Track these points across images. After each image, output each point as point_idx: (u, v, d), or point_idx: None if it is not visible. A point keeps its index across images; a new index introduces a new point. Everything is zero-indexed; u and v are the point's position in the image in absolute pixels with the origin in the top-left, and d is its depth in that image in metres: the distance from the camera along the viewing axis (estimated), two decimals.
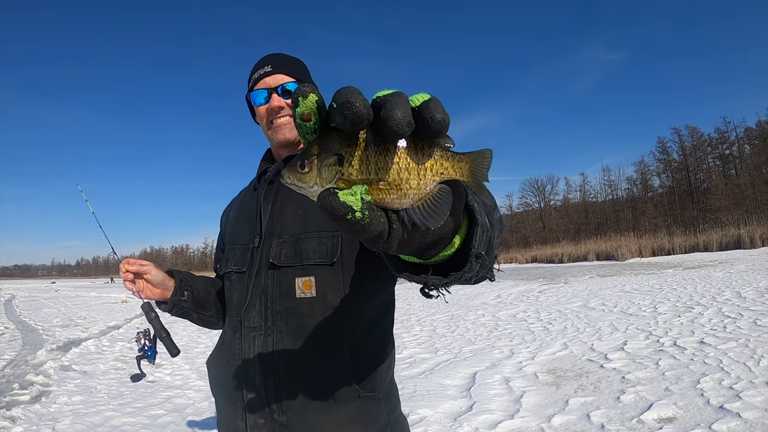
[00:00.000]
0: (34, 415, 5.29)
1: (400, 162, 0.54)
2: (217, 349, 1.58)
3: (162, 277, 1.65)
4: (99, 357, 8.81)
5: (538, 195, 74.08)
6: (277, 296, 1.39)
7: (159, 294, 1.66)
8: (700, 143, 55.02)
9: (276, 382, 1.36)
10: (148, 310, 1.73)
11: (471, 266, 0.68)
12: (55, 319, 16.06)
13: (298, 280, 1.37)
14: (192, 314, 1.73)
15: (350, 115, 0.50)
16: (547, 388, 5.25)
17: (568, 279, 18.91)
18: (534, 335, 8.27)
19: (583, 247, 39.64)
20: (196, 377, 6.94)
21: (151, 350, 1.78)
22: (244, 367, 1.41)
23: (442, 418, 4.66)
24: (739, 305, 8.29)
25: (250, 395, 1.39)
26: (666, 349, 6.17)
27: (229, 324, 1.54)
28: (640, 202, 57.66)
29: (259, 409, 1.38)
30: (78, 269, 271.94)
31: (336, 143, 0.55)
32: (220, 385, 1.53)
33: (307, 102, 0.53)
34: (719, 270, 14.62)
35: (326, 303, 1.36)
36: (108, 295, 30.92)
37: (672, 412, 4.12)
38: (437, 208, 0.56)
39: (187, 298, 1.69)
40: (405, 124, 0.50)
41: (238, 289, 1.50)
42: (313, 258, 1.37)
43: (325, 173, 0.55)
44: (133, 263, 1.61)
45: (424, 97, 0.53)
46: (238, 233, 1.61)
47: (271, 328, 1.39)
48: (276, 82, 1.54)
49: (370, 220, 0.53)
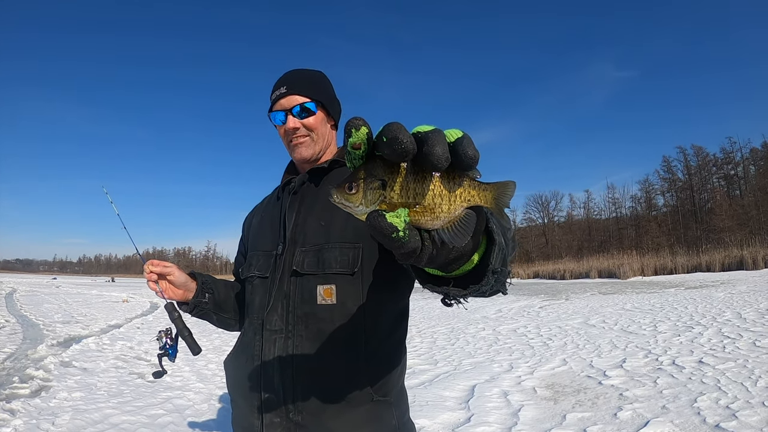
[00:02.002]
0: (33, 409, 5.32)
1: (434, 189, 0.62)
2: (236, 349, 1.64)
3: (184, 278, 1.72)
4: (99, 355, 8.85)
5: (542, 211, 73.98)
6: (299, 302, 1.45)
7: (181, 295, 1.73)
8: (705, 163, 55.00)
9: (293, 383, 1.41)
10: (171, 310, 1.78)
11: (488, 280, 0.79)
12: (55, 315, 16.11)
13: (320, 288, 1.43)
14: (212, 315, 1.80)
15: (398, 149, 0.58)
16: (545, 402, 5.28)
17: (569, 296, 18.89)
18: (534, 350, 8.29)
19: (586, 264, 39.57)
20: (196, 379, 6.94)
21: (173, 348, 1.81)
22: (263, 368, 1.46)
23: (440, 428, 4.69)
24: (739, 326, 8.31)
25: (268, 395, 1.44)
26: (664, 367, 6.20)
27: (249, 326, 1.59)
28: (643, 221, 57.53)
29: (275, 409, 1.43)
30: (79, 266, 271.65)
31: (380, 170, 0.63)
32: (238, 384, 1.57)
33: (359, 134, 0.61)
34: (721, 290, 14.62)
35: (346, 310, 1.42)
36: (109, 294, 30.97)
37: (668, 430, 4.15)
38: (463, 229, 0.64)
39: (208, 300, 1.76)
40: (444, 160, 0.58)
41: (261, 292, 1.56)
42: (335, 267, 1.43)
43: (370, 195, 0.63)
44: (157, 264, 1.67)
45: (458, 134, 0.62)
46: (261, 240, 1.67)
47: (292, 332, 1.44)
48: (290, 103, 1.60)
49: (409, 239, 0.61)
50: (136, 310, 19.27)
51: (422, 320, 13.15)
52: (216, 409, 5.35)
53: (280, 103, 1.61)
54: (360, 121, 0.61)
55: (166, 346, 1.80)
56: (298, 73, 1.67)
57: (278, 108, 1.61)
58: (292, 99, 1.60)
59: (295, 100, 1.59)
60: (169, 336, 1.82)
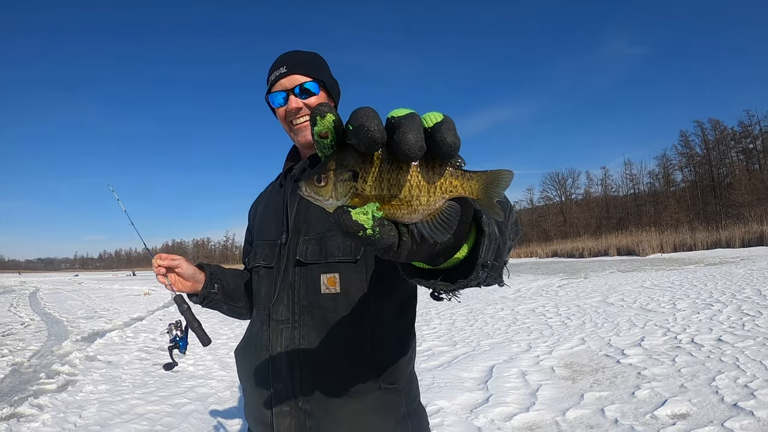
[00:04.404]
0: (61, 403, 5.45)
1: (411, 180, 0.57)
2: (245, 340, 1.65)
3: (192, 270, 1.72)
4: (123, 348, 9.02)
5: (559, 189, 73.52)
6: (304, 292, 1.45)
7: (190, 287, 1.74)
8: (723, 137, 54.13)
9: (301, 372, 1.41)
10: (180, 302, 1.79)
11: (477, 274, 0.72)
12: (79, 311, 16.35)
13: (323, 277, 1.42)
14: (222, 306, 1.81)
15: (365, 138, 0.53)
16: (563, 382, 5.33)
17: (588, 274, 18.84)
18: (552, 330, 8.34)
19: (604, 242, 39.34)
20: (219, 368, 7.11)
21: (183, 340, 1.82)
22: (272, 358, 1.47)
23: (458, 409, 4.75)
24: (758, 303, 8.26)
25: (277, 384, 1.45)
26: (683, 345, 6.21)
27: (257, 316, 1.59)
28: (662, 197, 56.99)
29: (284, 398, 1.44)
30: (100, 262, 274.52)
31: (351, 160, 0.57)
32: (248, 374, 1.58)
33: (325, 122, 0.56)
34: (740, 267, 14.50)
35: (350, 299, 1.41)
36: (131, 288, 31.29)
37: (686, 409, 4.18)
38: (445, 223, 0.58)
39: (218, 290, 1.76)
40: (417, 149, 0.53)
41: (266, 283, 1.55)
42: (338, 255, 1.42)
43: (341, 188, 0.58)
44: (165, 258, 1.69)
45: (437, 118, 0.55)
46: (266, 229, 1.66)
47: (298, 322, 1.45)
48: (292, 83, 1.55)
49: (381, 236, 0.56)
50: (157, 302, 19.52)
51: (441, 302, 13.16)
52: (238, 397, 5.46)
53: (281, 83, 1.56)
54: (325, 107, 0.56)
55: (176, 339, 1.82)
56: (297, 54, 1.63)
57: (278, 89, 1.57)
58: (294, 79, 1.56)
59: (296, 80, 1.56)
60: (179, 328, 1.83)
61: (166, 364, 1.90)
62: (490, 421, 4.40)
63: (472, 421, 4.42)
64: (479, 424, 4.33)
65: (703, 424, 3.81)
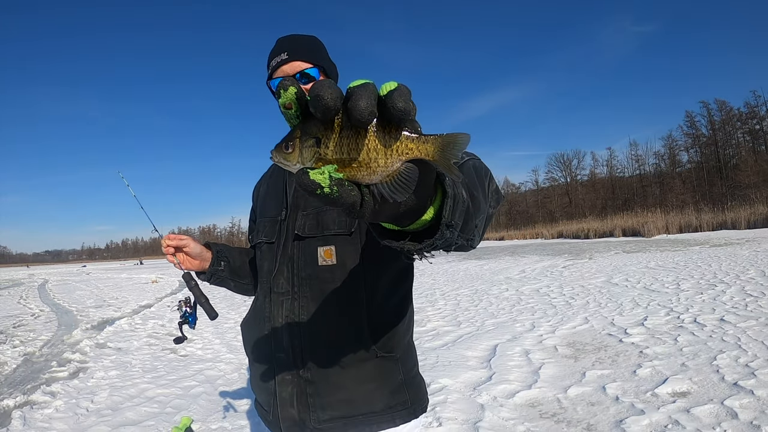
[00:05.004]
0: (72, 390, 5.56)
1: (369, 144, 0.61)
2: (250, 313, 1.70)
3: (200, 249, 1.78)
4: (132, 334, 9.18)
5: (564, 170, 73.29)
6: (302, 264, 1.50)
7: (198, 265, 1.79)
8: (729, 118, 53.64)
9: (301, 342, 1.47)
10: (188, 279, 1.85)
11: (442, 234, 0.75)
12: (88, 301, 16.51)
13: (320, 249, 1.48)
14: (229, 282, 1.86)
15: (320, 107, 0.58)
16: (566, 360, 5.39)
17: (593, 255, 18.87)
18: (556, 309, 8.40)
19: (610, 223, 39.30)
20: (227, 351, 7.21)
21: (192, 316, 1.88)
22: (273, 329, 1.52)
23: (462, 387, 4.82)
24: (762, 284, 8.28)
25: (279, 354, 1.51)
26: (686, 325, 6.25)
27: (260, 290, 1.65)
28: (667, 178, 56.72)
29: (286, 367, 1.50)
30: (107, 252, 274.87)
31: (315, 128, 0.63)
32: (252, 346, 1.64)
33: (287, 95, 0.64)
34: (745, 248, 14.49)
35: (346, 270, 1.46)
36: (138, 276, 31.53)
37: (686, 387, 4.23)
38: (404, 183, 0.62)
39: (224, 267, 1.82)
40: (367, 114, 0.57)
41: (268, 258, 1.60)
42: (333, 228, 1.47)
43: (306, 154, 0.63)
44: (173, 238, 1.74)
45: (391, 87, 0.59)
46: (268, 207, 1.71)
47: (297, 294, 1.50)
48: (294, 69, 1.57)
49: (340, 194, 0.60)
50: (165, 289, 19.72)
51: (446, 283, 13.28)
52: (246, 378, 5.53)
53: (282, 70, 1.58)
54: (288, 81, 0.63)
55: (186, 314, 1.88)
56: (297, 39, 1.65)
57: (279, 74, 1.59)
58: (295, 65, 1.58)
59: (297, 66, 1.58)
60: (188, 305, 1.89)
61: (176, 338, 1.96)
62: (493, 398, 4.47)
63: (475, 398, 4.49)
64: (482, 402, 4.39)
65: (703, 402, 3.85)
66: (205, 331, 8.88)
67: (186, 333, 1.97)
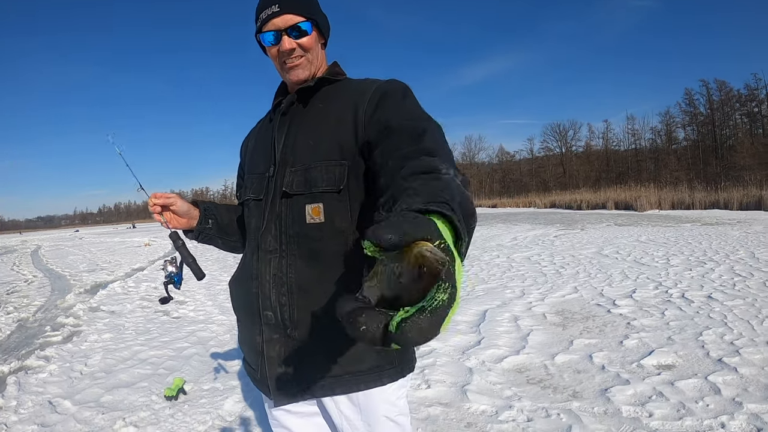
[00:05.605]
0: (66, 353, 5.61)
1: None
2: (238, 270, 1.69)
3: (187, 207, 1.76)
4: (125, 297, 9.24)
5: (559, 140, 72.91)
6: (290, 222, 1.47)
7: (185, 223, 1.78)
8: (728, 99, 53.17)
9: (289, 300, 1.46)
10: (175, 239, 1.81)
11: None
12: (81, 265, 16.49)
13: (308, 207, 1.44)
14: (217, 240, 1.86)
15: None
16: (554, 328, 5.45)
17: (585, 226, 18.94)
18: (546, 278, 8.47)
19: (603, 195, 39.31)
20: (219, 312, 7.32)
21: (178, 276, 1.86)
22: (261, 287, 1.51)
23: (451, 351, 4.88)
24: (751, 265, 8.34)
25: (266, 312, 1.50)
26: (673, 300, 6.31)
27: (248, 247, 1.64)
28: (663, 154, 56.58)
29: (274, 325, 1.49)
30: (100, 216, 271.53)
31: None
32: (240, 304, 1.64)
33: None
34: (737, 229, 14.56)
35: (334, 228, 1.44)
36: (131, 240, 31.47)
37: (672, 360, 4.29)
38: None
39: (212, 225, 1.81)
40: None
41: (256, 215, 1.59)
42: (322, 186, 1.43)
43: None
44: (159, 196, 1.71)
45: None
46: (255, 163, 1.68)
47: (285, 251, 1.48)
48: (285, 23, 1.50)
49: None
50: (158, 252, 19.77)
51: None
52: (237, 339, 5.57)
53: (273, 23, 1.51)
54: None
55: (171, 275, 1.85)
56: None
57: (270, 28, 1.51)
58: (286, 18, 1.50)
59: (289, 20, 1.50)
60: (174, 264, 1.86)
61: (162, 298, 1.94)
62: (481, 362, 4.53)
63: (463, 362, 4.55)
64: (470, 365, 4.45)
65: (687, 376, 3.92)
66: (197, 293, 8.96)
67: (172, 293, 1.96)
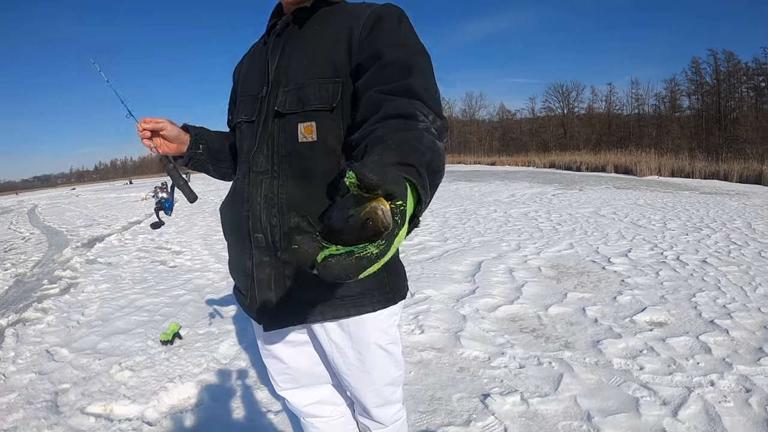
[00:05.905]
0: (64, 305, 5.62)
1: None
2: (229, 195, 1.65)
3: (177, 132, 1.71)
4: (122, 249, 9.26)
5: (562, 101, 71.94)
6: (282, 141, 1.44)
7: (175, 149, 1.73)
8: (736, 71, 52.35)
9: (280, 221, 1.43)
10: (166, 162, 1.76)
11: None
12: (78, 221, 16.35)
13: (301, 126, 1.41)
14: (208, 166, 1.81)
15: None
16: (548, 281, 5.48)
17: (583, 186, 18.88)
18: (542, 233, 8.48)
19: (603, 158, 39.14)
20: (215, 261, 7.40)
21: (168, 202, 1.85)
22: (252, 209, 1.47)
23: (445, 298, 4.92)
24: (747, 235, 8.33)
25: (257, 235, 1.47)
26: (668, 261, 6.33)
27: (239, 171, 1.59)
28: (666, 121, 56.13)
29: (264, 248, 1.46)
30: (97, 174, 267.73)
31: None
32: (230, 228, 1.61)
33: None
34: (735, 200, 14.53)
35: (327, 146, 1.40)
36: (128, 195, 31.09)
37: (664, 318, 4.32)
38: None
39: (203, 151, 1.76)
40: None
41: (248, 137, 1.54)
42: (314, 104, 1.39)
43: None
44: (149, 121, 1.66)
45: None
46: (249, 85, 1.63)
47: (277, 172, 1.44)
48: None
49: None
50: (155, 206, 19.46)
51: (434, 201, 13.31)
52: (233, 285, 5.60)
53: None
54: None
55: (162, 201, 1.84)
56: None
57: None
58: None
59: None
60: (164, 190, 1.84)
61: (153, 223, 1.91)
62: (475, 310, 4.56)
63: (457, 309, 4.59)
64: (464, 313, 4.49)
65: (678, 334, 3.95)
66: (194, 243, 9.05)
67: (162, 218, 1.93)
